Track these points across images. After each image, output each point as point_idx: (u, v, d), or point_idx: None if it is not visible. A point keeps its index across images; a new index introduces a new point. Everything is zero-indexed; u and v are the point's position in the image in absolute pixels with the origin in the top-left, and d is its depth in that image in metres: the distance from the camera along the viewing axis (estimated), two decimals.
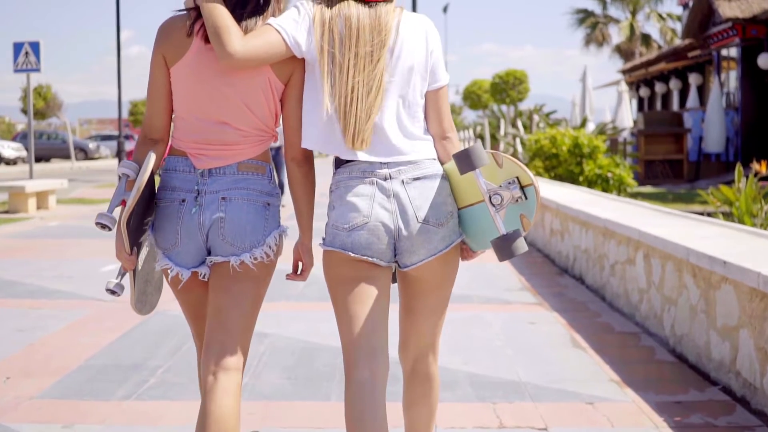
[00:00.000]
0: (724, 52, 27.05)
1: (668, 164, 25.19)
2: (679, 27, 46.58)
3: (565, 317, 7.33)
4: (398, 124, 3.15)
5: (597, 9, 50.05)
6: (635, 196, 18.24)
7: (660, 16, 47.91)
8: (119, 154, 20.63)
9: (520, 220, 3.08)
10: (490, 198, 3.03)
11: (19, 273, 9.61)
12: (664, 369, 5.82)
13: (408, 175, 3.12)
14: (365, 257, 3.11)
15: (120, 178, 3.18)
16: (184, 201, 3.15)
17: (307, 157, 3.26)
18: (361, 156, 3.11)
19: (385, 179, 3.10)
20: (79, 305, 7.83)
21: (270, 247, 3.19)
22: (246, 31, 3.08)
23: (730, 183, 22.84)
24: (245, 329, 3.21)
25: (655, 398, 5.11)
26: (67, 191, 22.90)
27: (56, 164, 46.61)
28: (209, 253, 3.21)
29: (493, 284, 8.80)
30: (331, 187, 3.21)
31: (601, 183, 16.59)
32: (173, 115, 3.24)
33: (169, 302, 7.99)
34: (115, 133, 62.47)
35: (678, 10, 46.56)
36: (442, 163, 3.22)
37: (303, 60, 3.15)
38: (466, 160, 2.97)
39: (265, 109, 3.18)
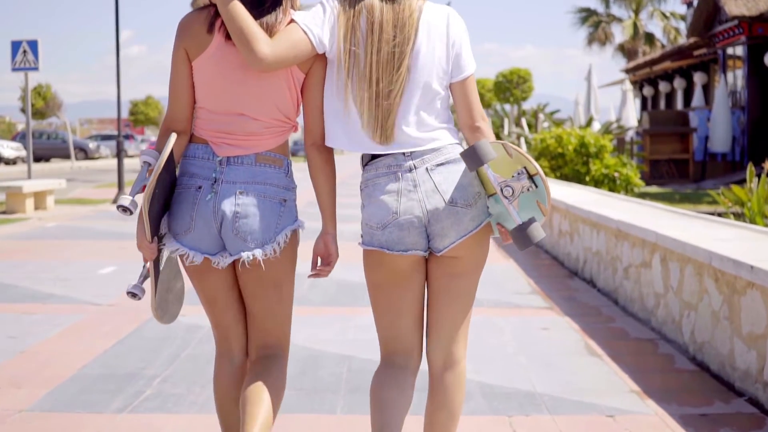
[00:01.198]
0: (729, 50, 26.78)
1: (674, 164, 24.93)
2: (682, 26, 46.27)
3: (577, 322, 7.06)
4: (418, 116, 3.17)
5: (600, 8, 49.69)
6: (642, 196, 17.97)
7: (663, 14, 47.56)
8: (119, 154, 20.27)
9: (538, 207, 3.09)
10: (501, 190, 3.05)
11: (14, 276, 9.34)
12: (686, 378, 5.55)
13: (432, 162, 3.15)
14: (401, 252, 3.17)
15: (142, 166, 3.19)
16: (200, 188, 3.18)
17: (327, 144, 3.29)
18: (385, 151, 3.15)
19: (410, 170, 3.14)
20: (73, 310, 7.56)
21: (279, 244, 3.22)
22: (266, 29, 3.12)
23: (739, 183, 22.63)
24: (282, 324, 3.39)
25: (679, 410, 4.84)
26: (66, 191, 22.65)
27: (56, 164, 46.36)
28: (224, 246, 3.25)
29: (502, 287, 8.53)
30: (360, 185, 3.25)
31: (608, 183, 16.34)
32: (195, 106, 3.28)
33: None
34: (116, 132, 62.20)
35: (682, 9, 46.30)
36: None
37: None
38: (473, 157, 3.00)
39: (287, 100, 3.23)
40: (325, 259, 3.34)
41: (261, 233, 3.18)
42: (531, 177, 3.06)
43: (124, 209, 3.09)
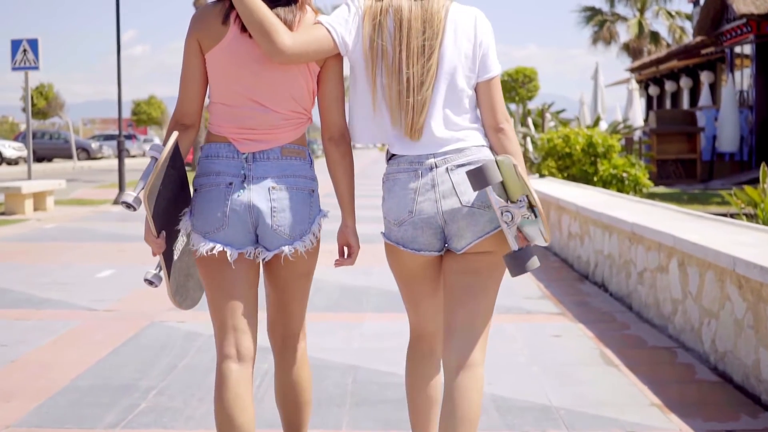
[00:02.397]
0: (737, 49, 26.50)
1: (681, 164, 24.64)
2: (687, 25, 45.97)
3: (591, 329, 6.80)
4: (445, 115, 3.18)
5: (605, 7, 49.33)
6: (650, 196, 17.70)
7: (669, 13, 47.24)
8: (119, 154, 20.02)
9: (542, 234, 3.08)
10: (501, 214, 3.03)
11: (9, 279, 9.08)
12: (708, 390, 5.28)
13: (453, 163, 3.15)
14: (413, 251, 3.22)
15: (150, 161, 3.12)
16: (231, 184, 3.18)
17: (344, 136, 3.30)
18: (409, 150, 3.17)
19: (431, 169, 3.14)
20: (69, 316, 7.30)
21: (314, 234, 3.27)
22: (285, 23, 3.13)
23: (748, 183, 22.35)
24: (303, 310, 3.47)
25: (704, 426, 4.58)
26: (67, 192, 22.40)
27: (58, 164, 46.16)
28: (257, 239, 3.25)
29: (512, 292, 8.25)
30: (383, 178, 3.28)
31: (616, 183, 16.05)
32: (209, 102, 3.30)
33: (165, 312, 7.54)
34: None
35: (687, 8, 46.04)
36: (496, 154, 3.22)
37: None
38: (478, 177, 2.98)
39: (304, 92, 3.25)
40: (348, 249, 3.39)
41: (298, 225, 3.22)
42: (531, 207, 3.04)
43: (128, 205, 3.04)
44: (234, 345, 3.26)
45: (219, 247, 3.17)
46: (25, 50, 19.93)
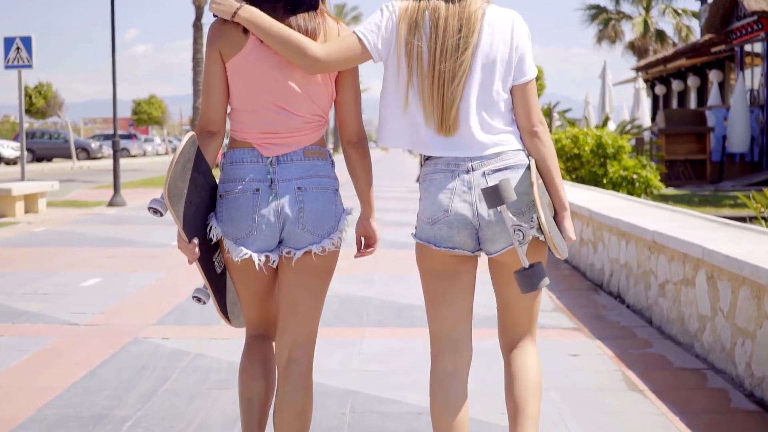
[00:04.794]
0: (747, 47, 25.94)
1: (690, 164, 24.08)
2: (694, 23, 45.44)
3: (610, 347, 6.26)
4: (481, 118, 3.18)
5: (609, 5, 48.80)
6: (660, 199, 17.17)
7: (675, 11, 46.66)
8: (114, 155, 19.50)
9: (557, 249, 3.16)
10: (514, 232, 3.06)
11: None
12: (746, 421, 4.75)
13: (490, 167, 3.16)
14: (446, 249, 3.22)
15: (151, 212, 3.15)
16: (258, 190, 3.23)
17: (361, 138, 3.39)
18: (446, 152, 3.18)
19: (468, 172, 3.17)
20: (45, 331, 6.76)
21: (341, 231, 3.33)
22: (307, 32, 3.20)
23: (759, 184, 21.81)
24: (316, 317, 3.41)
25: None
26: (62, 192, 21.89)
27: (57, 164, 45.73)
28: (280, 242, 3.30)
29: None
30: (419, 179, 3.34)
31: (627, 185, 15.53)
32: (231, 109, 3.33)
33: (150, 327, 7.00)
34: (120, 132, 61.39)
35: (694, 6, 45.54)
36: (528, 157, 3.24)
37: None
38: (493, 196, 2.98)
39: (324, 95, 3.31)
40: (368, 240, 3.52)
41: (326, 224, 3.28)
42: (541, 229, 3.10)
43: (155, 211, 3.10)
44: (287, 348, 3.39)
45: (248, 254, 3.24)
46: (18, 48, 19.44)
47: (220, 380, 5.45)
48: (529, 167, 3.17)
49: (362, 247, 3.54)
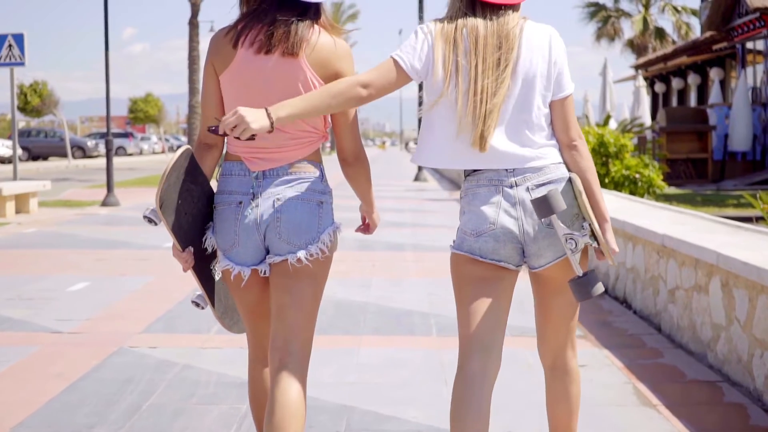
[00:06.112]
0: (749, 44, 25.66)
1: (691, 163, 23.81)
2: (694, 21, 45.16)
3: (619, 356, 5.96)
4: (521, 133, 3.19)
5: (609, 2, 48.53)
6: (663, 199, 16.88)
7: (675, 9, 46.37)
8: (108, 153, 19.19)
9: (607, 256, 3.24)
10: (566, 241, 3.09)
11: None
12: None
13: (533, 182, 3.18)
14: (493, 261, 3.23)
15: (145, 221, 3.23)
16: (240, 203, 3.28)
17: (357, 158, 3.44)
18: (488, 165, 3.19)
19: (511, 187, 3.19)
20: (27, 340, 6.46)
21: (324, 243, 3.31)
22: (299, 38, 3.22)
23: (761, 183, 21.54)
24: (307, 324, 3.36)
25: None
26: (56, 192, 21.59)
27: (53, 162, 45.43)
28: (268, 252, 3.33)
29: (525, 309, 7.35)
30: (461, 194, 3.32)
31: (629, 185, 15.23)
32: None
33: (137, 335, 6.70)
34: (117, 130, 61.12)
35: (694, 3, 45.25)
36: (568, 170, 3.26)
37: (348, 60, 3.31)
38: (543, 206, 3.03)
39: None
40: (366, 226, 3.71)
41: (304, 235, 3.28)
42: (594, 235, 3.16)
43: (149, 220, 3.18)
44: (260, 351, 3.52)
45: (231, 266, 3.30)
46: (10, 45, 19.15)
47: (208, 395, 5.14)
48: (570, 179, 3.20)
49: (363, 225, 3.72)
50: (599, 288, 3.12)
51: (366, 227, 3.70)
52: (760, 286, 5.02)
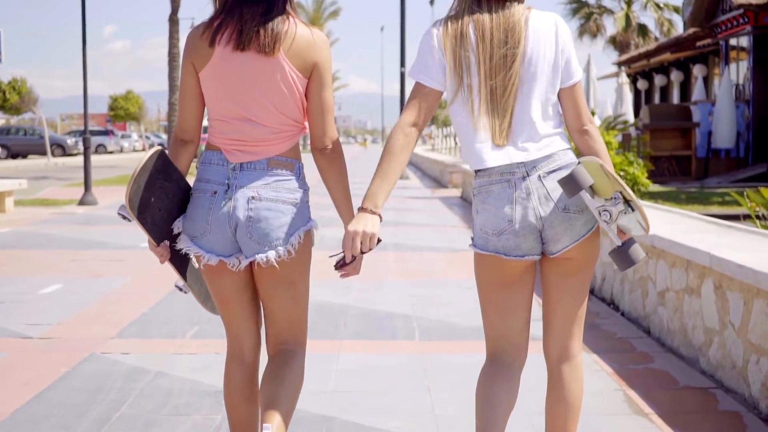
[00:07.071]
0: (732, 41, 25.54)
1: (675, 160, 23.66)
2: (676, 17, 45.08)
3: (608, 362, 5.77)
4: (532, 123, 3.20)
5: None
6: (647, 196, 16.73)
7: (657, 6, 46.31)
8: (85, 152, 18.90)
9: (639, 224, 3.15)
10: (600, 214, 3.11)
11: None
12: None
13: (544, 170, 3.18)
14: (518, 258, 3.22)
15: (120, 218, 3.28)
16: (215, 193, 3.29)
17: (328, 146, 3.39)
18: (499, 159, 3.17)
19: (523, 178, 3.17)
20: None
21: (293, 245, 3.30)
22: (273, 36, 3.23)
23: (746, 180, 21.42)
24: (297, 322, 3.46)
25: None
26: (33, 190, 21.28)
27: (32, 161, 45.02)
28: (239, 249, 3.34)
29: None
30: (473, 191, 3.29)
31: None
32: (209, 117, 3.42)
33: (109, 341, 6.46)
34: (97, 128, 60.64)
35: (676, 0, 45.17)
36: (581, 155, 3.26)
37: (325, 50, 3.32)
38: (571, 184, 3.03)
39: (291, 105, 3.31)
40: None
41: (274, 236, 3.28)
42: (627, 201, 3.11)
43: (123, 217, 3.23)
44: (237, 345, 3.50)
45: (198, 251, 3.31)
46: None
47: (181, 404, 4.92)
48: (581, 162, 3.13)
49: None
50: (640, 254, 3.12)
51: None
52: (756, 289, 4.84)
